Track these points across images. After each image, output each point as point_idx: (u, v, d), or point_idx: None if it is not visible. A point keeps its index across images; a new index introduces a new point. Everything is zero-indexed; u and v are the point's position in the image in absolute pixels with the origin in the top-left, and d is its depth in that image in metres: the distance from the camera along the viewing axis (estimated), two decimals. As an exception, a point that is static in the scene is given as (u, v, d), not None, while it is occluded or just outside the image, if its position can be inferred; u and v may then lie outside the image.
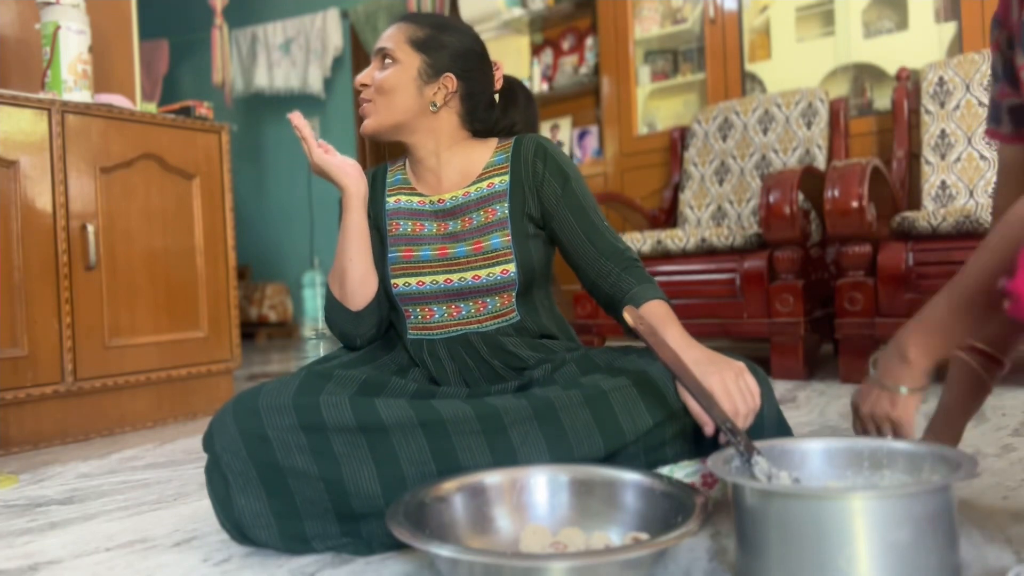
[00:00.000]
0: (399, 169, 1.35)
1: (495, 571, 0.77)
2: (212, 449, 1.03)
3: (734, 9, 3.30)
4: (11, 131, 1.90)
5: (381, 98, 1.23)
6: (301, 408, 1.00)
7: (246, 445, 0.99)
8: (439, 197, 1.28)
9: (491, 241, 1.23)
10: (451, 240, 1.25)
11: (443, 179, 1.29)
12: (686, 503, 0.88)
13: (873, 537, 0.74)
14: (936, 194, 2.52)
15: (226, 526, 1.04)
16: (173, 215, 2.26)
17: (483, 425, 1.02)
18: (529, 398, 1.06)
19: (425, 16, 1.28)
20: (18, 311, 1.90)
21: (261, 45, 5.15)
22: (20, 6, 2.26)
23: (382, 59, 1.24)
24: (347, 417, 1.00)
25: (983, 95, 2.49)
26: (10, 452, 1.89)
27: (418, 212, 1.29)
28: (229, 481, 1.01)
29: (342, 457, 0.99)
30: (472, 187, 1.28)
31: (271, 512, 1.00)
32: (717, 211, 2.96)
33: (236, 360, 2.41)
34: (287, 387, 1.04)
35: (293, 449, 0.99)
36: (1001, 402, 1.85)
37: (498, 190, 1.27)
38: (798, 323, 2.31)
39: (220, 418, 1.04)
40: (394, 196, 1.32)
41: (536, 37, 4.12)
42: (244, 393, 1.06)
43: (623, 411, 1.05)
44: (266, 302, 4.99)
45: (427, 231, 1.27)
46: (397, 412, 1.02)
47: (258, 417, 1.00)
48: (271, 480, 0.99)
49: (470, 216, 1.26)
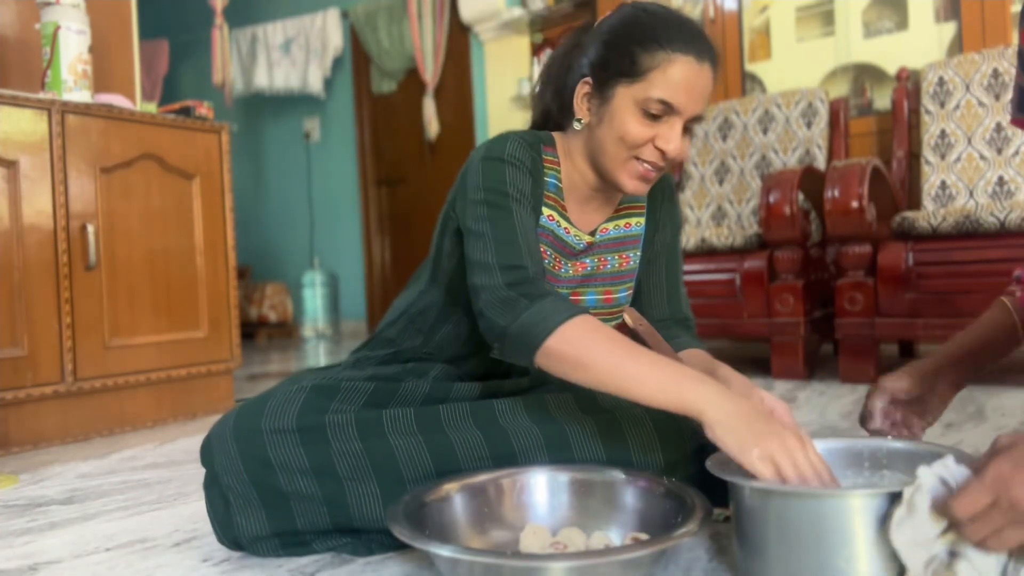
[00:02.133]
0: (553, 168, 1.14)
1: (495, 571, 0.77)
2: (211, 466, 1.01)
3: (734, 9, 3.30)
4: (11, 131, 1.90)
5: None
6: (305, 431, 0.98)
7: (247, 468, 0.97)
8: (587, 234, 1.15)
9: (619, 294, 1.18)
10: (584, 284, 1.16)
11: (592, 208, 1.17)
12: (686, 503, 0.88)
13: (872, 536, 0.74)
14: (936, 194, 2.52)
15: (224, 541, 1.03)
16: (173, 215, 2.26)
17: (492, 452, 1.00)
18: (542, 425, 1.02)
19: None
20: (18, 311, 1.90)
21: (261, 45, 5.15)
22: (20, 6, 2.25)
23: (685, 123, 1.04)
24: (353, 442, 0.98)
25: (983, 95, 2.49)
26: (10, 452, 1.89)
27: (562, 246, 1.13)
28: (229, 501, 0.99)
29: (346, 480, 0.97)
30: (611, 223, 1.18)
31: (271, 532, 0.99)
32: (717, 211, 2.96)
33: (236, 360, 2.40)
34: (291, 405, 1.00)
35: (296, 474, 0.97)
36: (1001, 402, 1.85)
37: (634, 233, 1.20)
38: (798, 323, 2.31)
39: (220, 435, 1.00)
40: (548, 209, 1.12)
41: (536, 37, 4.12)
42: (246, 408, 1.02)
43: (636, 448, 1.02)
44: (266, 302, 4.99)
45: (563, 272, 1.14)
46: (405, 438, 0.99)
47: (260, 440, 0.97)
48: (273, 503, 0.98)
49: (605, 257, 1.17)
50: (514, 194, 1.03)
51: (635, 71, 1.00)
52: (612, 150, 1.05)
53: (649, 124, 1.01)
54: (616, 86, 1.02)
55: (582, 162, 1.12)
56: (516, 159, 1.06)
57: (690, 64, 1.00)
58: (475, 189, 1.04)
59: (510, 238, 1.00)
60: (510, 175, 1.04)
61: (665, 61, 0.99)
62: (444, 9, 4.47)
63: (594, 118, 1.07)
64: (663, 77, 0.99)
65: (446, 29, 4.50)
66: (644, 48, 1.00)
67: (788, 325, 2.32)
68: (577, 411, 1.05)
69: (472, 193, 1.04)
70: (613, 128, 1.03)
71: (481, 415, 1.04)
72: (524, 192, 1.05)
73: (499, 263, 0.98)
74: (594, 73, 1.06)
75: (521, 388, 1.17)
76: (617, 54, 1.02)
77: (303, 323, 5.09)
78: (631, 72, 1.01)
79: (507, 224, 1.01)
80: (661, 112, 1.01)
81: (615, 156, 1.05)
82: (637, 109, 1.01)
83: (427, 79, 4.53)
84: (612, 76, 1.03)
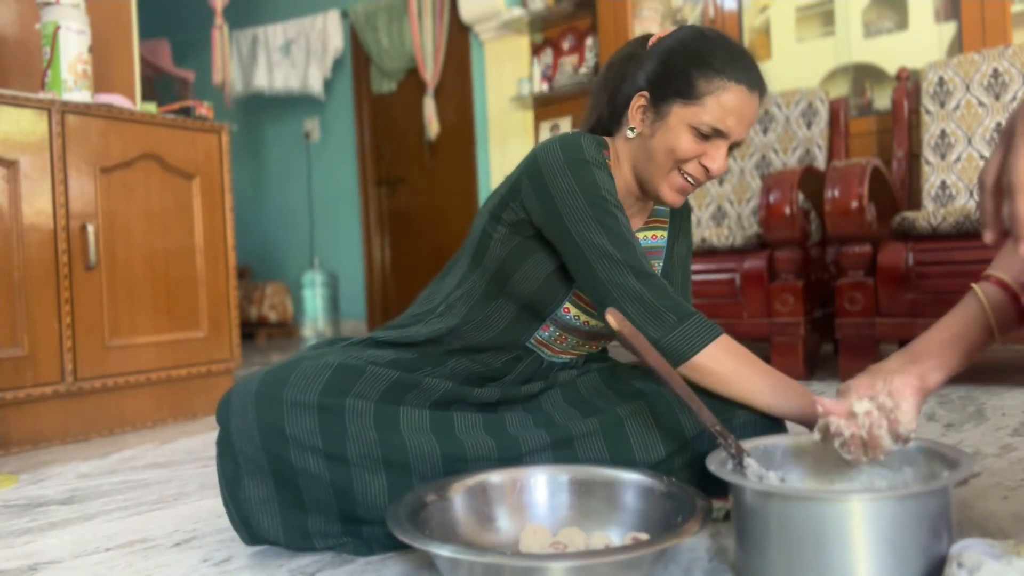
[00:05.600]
0: (609, 170, 1.16)
1: (495, 571, 0.77)
2: (226, 427, 1.01)
3: (734, 9, 3.30)
4: (11, 131, 1.90)
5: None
6: (325, 410, 0.99)
7: (262, 436, 0.98)
8: None
9: None
10: None
11: (632, 215, 1.22)
12: (686, 503, 0.88)
13: (872, 538, 0.74)
14: (936, 194, 2.52)
15: (230, 508, 1.03)
16: (173, 215, 2.26)
17: (500, 454, 1.03)
18: (549, 428, 1.07)
19: None
20: (18, 311, 1.90)
21: (261, 46, 5.15)
22: (20, 6, 2.25)
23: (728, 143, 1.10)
24: (369, 431, 0.99)
25: (983, 95, 2.49)
26: (10, 452, 1.89)
27: None
28: (240, 464, 1.01)
29: (355, 466, 0.98)
30: (641, 233, 1.24)
31: (277, 501, 1.00)
32: (717, 211, 2.96)
33: (236, 360, 2.41)
34: (315, 381, 1.00)
35: (308, 452, 0.98)
36: (1001, 402, 1.85)
37: (657, 245, 1.25)
38: (798, 323, 2.31)
39: (240, 396, 1.01)
40: None
41: (536, 37, 4.12)
42: (270, 374, 1.02)
43: (638, 441, 1.07)
44: (266, 302, 4.99)
45: None
46: (418, 437, 1.01)
47: (280, 410, 0.98)
48: (281, 474, 0.99)
49: None
50: (611, 199, 1.08)
51: (691, 93, 1.06)
52: (661, 160, 1.10)
53: (699, 142, 1.08)
54: (672, 104, 1.08)
55: (627, 169, 1.17)
56: (599, 162, 1.10)
57: (742, 93, 1.06)
58: (569, 192, 1.07)
59: (626, 239, 1.06)
60: (600, 179, 1.09)
61: (720, 88, 1.05)
62: (444, 9, 4.47)
63: (647, 129, 1.12)
64: (717, 103, 1.06)
65: (446, 29, 4.50)
66: (702, 73, 1.06)
67: (788, 325, 2.32)
68: (581, 418, 1.10)
69: (565, 196, 1.07)
70: (666, 141, 1.09)
71: (492, 426, 1.08)
72: (614, 193, 1.10)
73: (626, 261, 1.04)
74: (651, 88, 1.11)
75: (533, 393, 1.21)
76: (675, 74, 1.08)
77: (303, 323, 5.08)
78: (687, 94, 1.07)
79: (617, 225, 1.06)
80: (711, 134, 1.07)
81: (662, 166, 1.11)
82: (690, 128, 1.07)
83: (427, 79, 4.53)
84: (669, 95, 1.08)
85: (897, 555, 0.74)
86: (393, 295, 4.99)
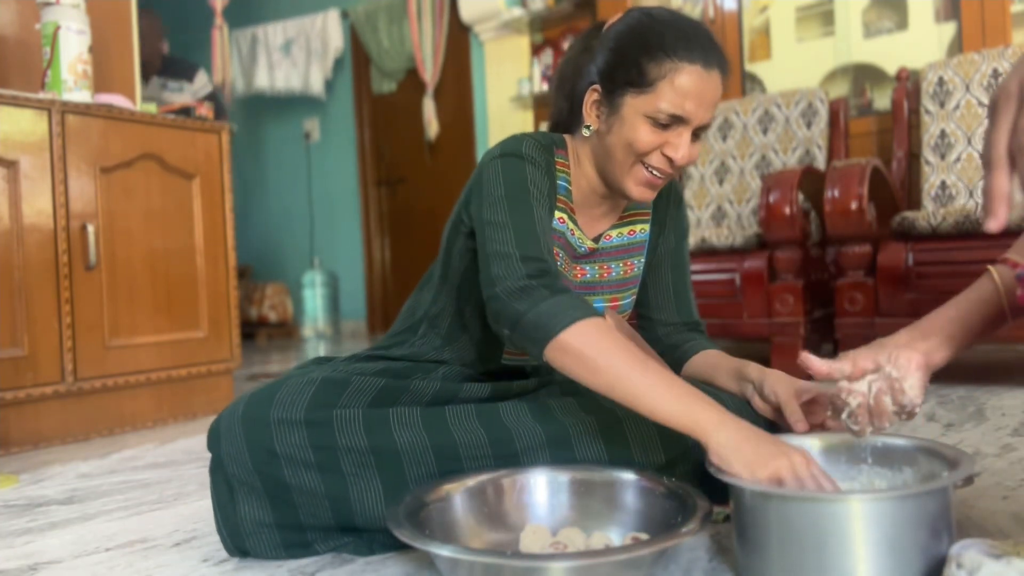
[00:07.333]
0: (563, 171, 1.13)
1: (495, 571, 0.77)
2: (217, 452, 1.01)
3: (734, 9, 3.30)
4: (11, 131, 1.90)
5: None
6: (313, 425, 0.97)
7: (252, 457, 0.97)
8: (591, 240, 1.16)
9: (624, 300, 1.19)
10: (590, 291, 1.16)
11: (598, 214, 1.16)
12: (686, 503, 0.88)
13: (871, 538, 0.74)
14: (936, 194, 2.52)
15: (222, 532, 1.02)
16: (173, 215, 2.26)
17: (494, 450, 1.00)
18: (544, 424, 1.02)
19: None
20: (18, 311, 1.90)
21: (261, 46, 5.14)
22: (20, 6, 2.25)
23: (693, 130, 1.03)
24: (359, 438, 0.97)
25: (983, 95, 2.49)
26: (10, 452, 1.89)
27: (570, 251, 1.14)
28: (234, 488, 0.99)
29: (350, 476, 0.97)
30: (615, 230, 1.18)
31: (274, 523, 0.99)
32: (717, 211, 2.96)
33: (236, 360, 2.40)
34: (301, 397, 0.99)
35: (301, 467, 0.97)
36: (1001, 402, 1.85)
37: (638, 240, 1.20)
38: (798, 323, 2.31)
39: (228, 420, 1.00)
40: (559, 212, 1.12)
41: (536, 37, 4.12)
42: (256, 395, 1.01)
43: (636, 444, 1.01)
44: (266, 302, 4.99)
45: (569, 275, 1.14)
46: (410, 435, 0.99)
47: (268, 430, 0.97)
48: (276, 494, 0.98)
49: (609, 265, 1.17)
50: (534, 191, 1.03)
51: (643, 81, 1.00)
52: (620, 156, 1.05)
53: (658, 132, 1.02)
54: (624, 96, 1.02)
55: (590, 168, 1.12)
56: (533, 158, 1.06)
57: (697, 73, 0.99)
58: (494, 184, 1.03)
59: (531, 231, 0.99)
60: (530, 172, 1.04)
61: (672, 71, 0.98)
62: (444, 9, 4.47)
63: (603, 125, 1.06)
64: (671, 87, 0.99)
65: (446, 29, 4.50)
66: (651, 57, 0.99)
67: (788, 325, 2.32)
68: (579, 411, 1.05)
69: (491, 188, 1.03)
70: (622, 136, 1.03)
71: (485, 416, 1.03)
72: (542, 191, 1.05)
73: (520, 254, 0.97)
74: (602, 82, 1.05)
75: (527, 389, 1.17)
76: (624, 63, 1.02)
77: (303, 323, 5.08)
78: (639, 82, 1.00)
79: (528, 218, 1.00)
80: (670, 122, 1.01)
81: (622, 162, 1.05)
82: (646, 119, 1.01)
83: (427, 79, 4.53)
84: (620, 86, 1.02)
85: (897, 555, 0.74)
86: (393, 295, 4.99)
